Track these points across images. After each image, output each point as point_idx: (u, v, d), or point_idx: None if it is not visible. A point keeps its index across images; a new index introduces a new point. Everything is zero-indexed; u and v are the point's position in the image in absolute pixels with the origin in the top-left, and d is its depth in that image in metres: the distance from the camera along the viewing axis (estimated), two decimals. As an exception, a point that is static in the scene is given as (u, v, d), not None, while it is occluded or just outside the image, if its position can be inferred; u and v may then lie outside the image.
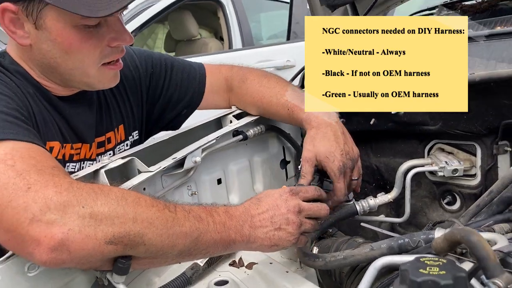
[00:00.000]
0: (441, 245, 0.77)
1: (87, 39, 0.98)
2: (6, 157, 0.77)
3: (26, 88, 1.01)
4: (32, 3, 0.93)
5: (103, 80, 1.06)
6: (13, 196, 0.72)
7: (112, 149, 1.21)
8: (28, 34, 0.97)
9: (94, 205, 0.74)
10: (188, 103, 1.34)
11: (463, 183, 1.31)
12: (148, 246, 0.78)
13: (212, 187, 1.27)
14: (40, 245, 0.71)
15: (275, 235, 0.92)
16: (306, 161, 1.13)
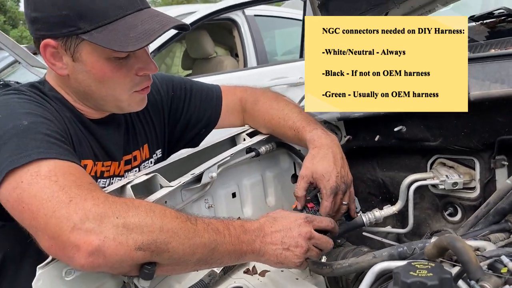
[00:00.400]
0: (431, 251, 0.86)
1: (118, 70, 1.09)
2: (50, 174, 0.88)
3: (64, 112, 1.13)
4: (70, 39, 1.05)
5: (132, 104, 1.18)
6: (57, 207, 0.83)
7: (138, 166, 1.32)
8: (66, 65, 1.09)
9: (126, 216, 0.85)
10: (206, 123, 1.45)
11: (464, 195, 1.39)
12: (171, 253, 0.88)
13: (227, 200, 1.36)
14: (80, 251, 0.81)
15: (283, 254, 1.02)
16: (301, 178, 1.23)
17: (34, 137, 0.95)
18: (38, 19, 1.06)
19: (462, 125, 1.29)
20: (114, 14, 1.05)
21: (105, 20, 1.04)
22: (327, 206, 1.19)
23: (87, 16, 1.03)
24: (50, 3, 1.03)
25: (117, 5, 1.05)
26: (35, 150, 0.91)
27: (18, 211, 0.88)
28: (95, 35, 1.03)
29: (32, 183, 0.87)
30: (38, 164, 0.89)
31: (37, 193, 0.86)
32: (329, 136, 1.28)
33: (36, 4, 1.05)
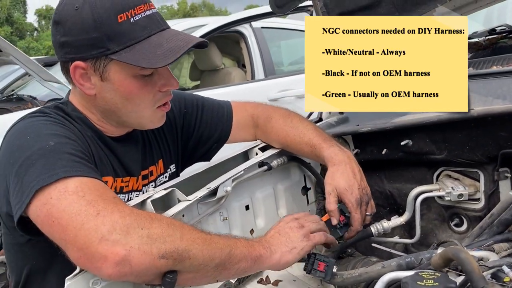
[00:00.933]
0: (437, 262, 0.91)
1: (143, 86, 1.17)
2: (77, 190, 0.95)
3: (86, 132, 1.20)
4: (100, 60, 1.12)
5: (154, 120, 1.25)
6: (85, 220, 0.90)
7: (154, 181, 1.38)
8: (94, 85, 1.16)
9: (150, 227, 0.92)
10: (218, 139, 1.51)
11: (469, 206, 1.43)
12: (192, 260, 0.94)
13: (241, 213, 1.42)
14: (107, 261, 0.87)
15: (288, 241, 1.12)
16: (329, 193, 1.30)
17: (60, 157, 1.01)
18: (68, 43, 1.12)
19: (466, 139, 1.34)
20: (141, 35, 1.12)
21: (132, 40, 1.11)
22: (358, 217, 1.27)
23: (115, 37, 1.10)
24: (80, 27, 1.10)
25: (142, 26, 1.12)
26: (62, 169, 0.98)
27: (48, 225, 0.94)
28: (123, 54, 1.10)
29: (61, 199, 0.93)
30: (65, 181, 0.96)
31: (66, 207, 0.92)
32: (345, 152, 1.34)
33: (66, 29, 1.12)
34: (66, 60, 1.15)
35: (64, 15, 1.13)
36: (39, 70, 3.10)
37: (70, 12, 1.12)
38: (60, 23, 1.13)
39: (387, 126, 1.41)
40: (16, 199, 1.00)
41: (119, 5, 1.10)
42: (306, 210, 1.63)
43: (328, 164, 1.34)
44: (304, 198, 1.63)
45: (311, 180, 1.63)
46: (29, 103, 3.31)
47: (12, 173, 1.03)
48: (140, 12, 1.12)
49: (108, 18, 1.09)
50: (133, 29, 1.11)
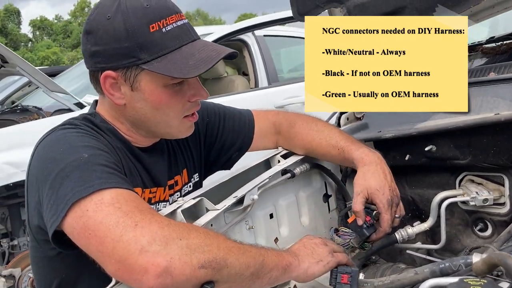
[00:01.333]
0: (481, 268, 0.90)
1: (173, 96, 1.16)
2: (113, 201, 0.94)
3: (115, 143, 1.19)
4: (131, 69, 1.12)
5: (182, 130, 1.25)
6: (124, 232, 0.88)
7: (179, 191, 1.38)
8: (124, 95, 1.16)
9: (188, 238, 0.91)
10: (240, 147, 1.50)
11: (494, 211, 1.43)
12: (230, 269, 0.93)
13: (265, 221, 1.41)
14: (148, 272, 0.86)
15: (315, 254, 1.12)
16: (357, 194, 1.29)
17: (95, 169, 1.00)
18: (99, 52, 1.12)
19: (491, 144, 1.34)
20: (172, 45, 1.12)
21: (164, 50, 1.11)
22: (388, 219, 1.26)
23: (147, 47, 1.09)
24: (112, 36, 1.09)
25: (174, 35, 1.12)
26: (97, 180, 0.97)
27: (85, 237, 0.93)
28: (155, 64, 1.10)
29: (97, 211, 0.92)
30: (100, 193, 0.95)
31: (103, 219, 0.91)
32: (375, 153, 1.35)
33: (97, 39, 1.11)
34: (96, 69, 1.15)
35: (96, 25, 1.12)
36: (46, 81, 3.09)
37: (102, 21, 1.11)
38: (92, 32, 1.13)
39: (411, 132, 1.41)
40: (50, 212, 0.99)
41: (151, 15, 1.10)
42: (327, 217, 1.62)
43: (359, 164, 1.33)
44: (326, 205, 1.62)
45: (332, 187, 1.63)
46: (35, 114, 3.28)
47: (45, 186, 1.01)
48: (172, 22, 1.12)
49: (140, 27, 1.09)
50: (165, 39, 1.11)
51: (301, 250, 1.12)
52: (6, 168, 2.82)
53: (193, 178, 1.45)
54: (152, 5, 1.11)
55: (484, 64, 1.66)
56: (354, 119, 1.76)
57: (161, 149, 1.33)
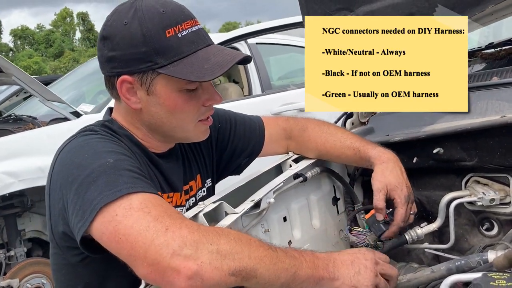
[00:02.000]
0: (502, 263, 0.94)
1: (188, 101, 1.18)
2: (142, 206, 0.95)
3: (133, 149, 1.20)
4: (146, 74, 1.14)
5: (198, 134, 1.27)
6: (155, 236, 0.90)
7: (194, 196, 1.40)
8: (140, 99, 1.18)
9: (219, 243, 0.92)
10: (250, 152, 1.53)
11: (499, 210, 1.47)
12: (259, 279, 0.94)
13: (279, 224, 1.44)
14: (180, 275, 0.88)
15: (355, 277, 1.04)
16: (379, 191, 1.32)
17: (121, 173, 1.01)
18: (116, 57, 1.14)
19: (498, 145, 1.39)
20: (188, 49, 1.14)
21: (179, 55, 1.13)
22: (403, 213, 1.30)
23: (163, 51, 1.12)
24: (129, 42, 1.12)
25: (190, 40, 1.14)
26: (124, 185, 0.98)
27: (115, 242, 0.94)
28: (171, 68, 1.12)
29: (127, 216, 0.94)
30: (128, 198, 0.96)
31: (134, 224, 0.92)
32: (390, 152, 1.39)
33: (114, 44, 1.13)
34: (113, 74, 1.17)
35: (113, 30, 1.14)
36: (42, 90, 3.08)
37: (118, 27, 1.14)
38: (108, 38, 1.15)
39: (419, 135, 1.45)
40: (77, 217, 1.00)
41: (168, 20, 1.12)
42: (336, 220, 1.65)
43: (376, 162, 1.37)
44: (335, 208, 1.66)
45: (341, 191, 1.66)
46: (30, 123, 3.26)
47: (71, 192, 1.02)
48: (187, 28, 1.15)
49: (156, 32, 1.11)
50: (180, 43, 1.13)
51: (344, 267, 1.05)
52: (2, 177, 2.81)
53: (206, 183, 1.47)
54: (168, 11, 1.14)
55: (484, 69, 1.72)
56: (359, 124, 1.80)
57: (176, 154, 1.35)
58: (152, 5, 1.13)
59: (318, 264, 1.03)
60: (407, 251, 1.63)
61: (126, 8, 1.15)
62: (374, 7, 1.35)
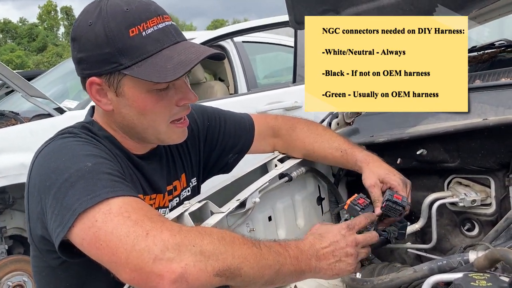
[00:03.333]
0: (482, 263, 0.95)
1: (159, 101, 1.15)
2: (121, 210, 0.93)
3: (114, 151, 1.18)
4: (113, 75, 1.11)
5: (173, 136, 1.23)
6: (136, 241, 0.88)
7: (178, 196, 1.38)
8: (110, 101, 1.15)
9: (202, 244, 0.91)
10: (240, 150, 1.53)
11: (480, 211, 1.50)
12: (243, 277, 0.94)
13: (264, 223, 1.44)
14: (164, 279, 0.86)
15: (337, 266, 1.08)
16: (373, 187, 1.33)
17: (100, 177, 0.99)
18: (83, 59, 1.12)
19: (479, 147, 1.41)
20: (152, 49, 1.10)
21: (144, 54, 1.09)
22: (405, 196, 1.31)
23: (127, 52, 1.08)
24: (93, 43, 1.09)
25: (155, 39, 1.10)
26: (103, 190, 0.96)
27: (96, 248, 0.92)
28: (135, 69, 1.09)
29: (107, 221, 0.92)
30: (108, 202, 0.94)
31: (114, 230, 0.90)
32: (376, 156, 1.42)
33: (81, 46, 1.12)
34: (83, 76, 1.15)
35: (79, 32, 1.12)
36: (25, 86, 3.03)
37: (84, 28, 1.11)
38: (76, 39, 1.13)
39: (403, 136, 1.47)
40: (55, 222, 0.97)
41: (131, 18, 1.09)
42: (321, 220, 1.67)
43: (363, 164, 1.39)
44: (319, 208, 1.67)
45: (325, 191, 1.68)
46: (12, 119, 3.21)
47: (49, 196, 1.00)
48: (152, 25, 1.10)
49: (119, 32, 1.08)
50: (145, 43, 1.09)
51: (326, 258, 1.07)
52: (-16, 174, 2.77)
53: (191, 182, 1.46)
54: (132, 9, 1.10)
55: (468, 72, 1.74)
56: (344, 124, 1.81)
57: (159, 154, 1.33)
58: (117, 4, 1.10)
59: (301, 260, 1.04)
60: (390, 251, 1.65)
61: (92, 8, 1.13)
62: (360, 9, 1.36)
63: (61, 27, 67.10)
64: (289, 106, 3.50)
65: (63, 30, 66.36)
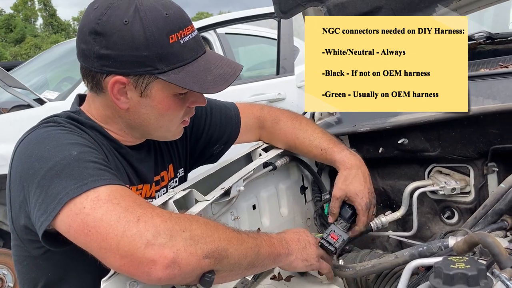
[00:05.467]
0: (462, 247, 0.98)
1: (180, 104, 1.17)
2: (110, 197, 0.93)
3: (100, 140, 1.17)
4: (143, 77, 1.09)
5: (176, 134, 1.26)
6: (127, 227, 0.88)
7: (166, 186, 1.38)
8: (129, 100, 1.13)
9: (191, 229, 0.93)
10: (226, 140, 1.53)
11: (460, 199, 1.54)
12: (230, 259, 0.97)
13: (249, 212, 1.45)
14: (156, 264, 0.87)
15: (304, 252, 1.19)
16: (336, 198, 1.38)
17: (86, 166, 0.98)
18: (111, 56, 1.07)
19: (459, 137, 1.44)
20: (188, 57, 1.10)
21: (181, 62, 1.09)
22: (364, 220, 1.37)
23: (165, 58, 1.07)
24: (129, 43, 1.05)
25: (190, 47, 1.11)
26: (90, 178, 0.96)
27: (84, 234, 0.91)
28: (172, 76, 1.08)
29: (96, 208, 0.91)
30: (96, 190, 0.94)
31: (103, 216, 0.90)
32: (356, 156, 1.41)
33: (110, 43, 1.06)
34: (102, 72, 1.10)
35: (110, 27, 1.06)
36: (4, 76, 2.97)
37: (117, 25, 1.06)
38: (103, 34, 1.06)
39: (385, 125, 1.49)
40: (39, 211, 0.96)
41: (171, 25, 1.08)
42: (304, 209, 1.69)
43: (340, 167, 1.40)
44: (302, 197, 1.68)
45: (309, 180, 1.69)
46: (-9, 109, 3.15)
47: (32, 185, 0.99)
48: (188, 34, 1.11)
49: (160, 37, 1.06)
50: (182, 51, 1.09)
51: (294, 243, 1.18)
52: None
53: (178, 173, 1.46)
54: (171, 15, 1.09)
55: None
56: (327, 114, 1.83)
57: (148, 145, 1.33)
58: (154, 6, 1.08)
59: (274, 242, 1.12)
60: (371, 238, 1.68)
61: (125, 4, 1.07)
62: (344, 0, 1.37)
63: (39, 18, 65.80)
64: (273, 98, 3.51)
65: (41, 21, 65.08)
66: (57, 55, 4.42)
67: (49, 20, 61.28)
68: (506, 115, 1.35)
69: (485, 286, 0.82)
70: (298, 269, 1.25)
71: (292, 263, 1.17)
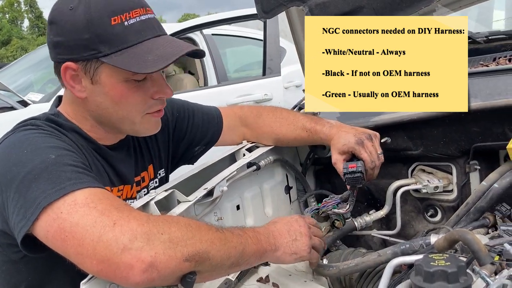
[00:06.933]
0: (442, 244, 0.99)
1: (135, 91, 1.14)
2: (87, 201, 0.91)
3: (80, 142, 1.17)
4: (91, 62, 1.10)
5: (148, 127, 1.23)
6: (103, 232, 0.86)
7: (146, 187, 1.37)
8: (84, 88, 1.14)
9: (170, 231, 0.90)
10: (208, 142, 1.53)
11: (443, 197, 1.55)
12: (211, 261, 0.95)
13: (232, 212, 1.45)
14: (134, 269, 0.85)
15: (293, 244, 1.13)
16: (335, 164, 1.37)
17: (64, 169, 0.97)
18: (60, 43, 1.10)
19: (441, 135, 1.45)
20: (133, 39, 1.09)
21: (124, 44, 1.09)
22: (366, 156, 1.34)
23: (107, 40, 1.08)
24: (73, 28, 1.08)
25: (136, 30, 1.10)
26: (68, 182, 0.94)
27: (61, 240, 0.90)
28: (114, 58, 1.08)
29: (72, 212, 0.90)
30: (73, 194, 0.92)
31: (79, 220, 0.88)
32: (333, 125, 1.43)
33: (59, 29, 1.10)
34: (58, 60, 1.13)
35: (58, 15, 1.11)
36: (-14, 77, 2.94)
37: (64, 11, 1.10)
38: (54, 22, 1.11)
39: (368, 125, 1.49)
40: (18, 216, 0.95)
41: (114, 7, 1.08)
42: (289, 208, 1.68)
43: (327, 141, 1.42)
44: (287, 197, 1.68)
45: (293, 180, 1.69)
46: (-27, 112, 3.10)
47: (11, 190, 0.97)
48: (135, 16, 1.10)
49: (101, 19, 1.07)
50: (126, 33, 1.09)
51: (282, 236, 1.12)
52: None
53: (159, 173, 1.45)
54: None
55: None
56: (311, 113, 1.83)
57: (127, 145, 1.32)
58: None
59: (260, 239, 1.08)
60: (356, 237, 1.69)
61: None
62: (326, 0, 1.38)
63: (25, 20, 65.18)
64: (259, 99, 3.51)
65: (28, 23, 64.48)
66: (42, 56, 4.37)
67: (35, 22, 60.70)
68: (487, 113, 1.36)
69: (465, 282, 0.82)
70: (287, 263, 1.22)
71: (280, 258, 1.13)
